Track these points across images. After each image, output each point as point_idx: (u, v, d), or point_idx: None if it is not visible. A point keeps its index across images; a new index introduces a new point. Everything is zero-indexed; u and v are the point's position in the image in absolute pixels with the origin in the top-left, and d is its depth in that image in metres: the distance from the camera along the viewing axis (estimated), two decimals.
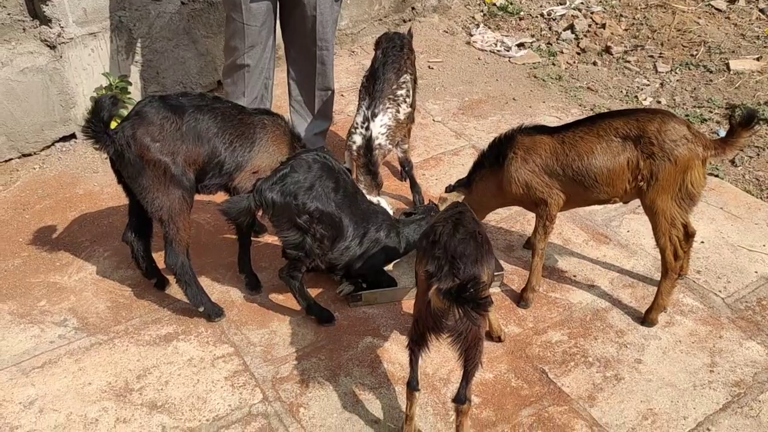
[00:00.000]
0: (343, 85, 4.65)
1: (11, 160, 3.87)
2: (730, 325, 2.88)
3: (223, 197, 2.91)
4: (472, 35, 5.42)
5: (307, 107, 3.69)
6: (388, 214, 3.04)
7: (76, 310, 2.96)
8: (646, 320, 2.87)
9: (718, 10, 5.46)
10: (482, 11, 5.73)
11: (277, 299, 3.03)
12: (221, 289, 3.08)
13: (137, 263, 2.98)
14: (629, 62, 5.00)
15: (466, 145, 4.13)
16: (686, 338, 2.82)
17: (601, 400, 2.56)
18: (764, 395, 2.57)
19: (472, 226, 2.21)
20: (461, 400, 2.18)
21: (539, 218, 2.84)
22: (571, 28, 5.40)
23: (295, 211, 2.61)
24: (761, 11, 5.46)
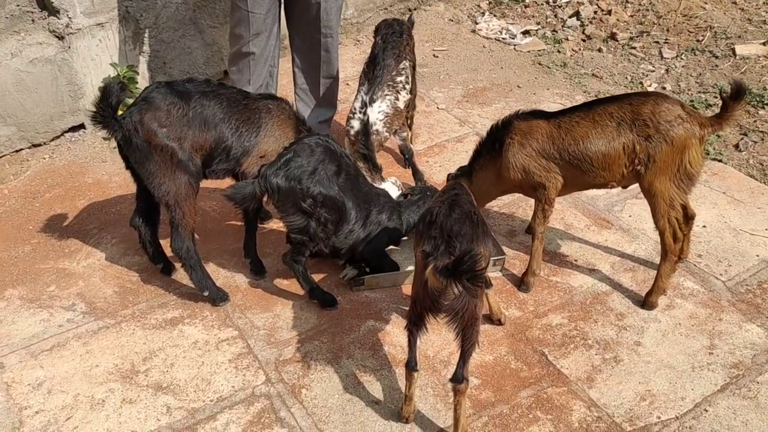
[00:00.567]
0: (348, 74, 4.67)
1: (22, 150, 3.94)
2: (730, 308, 2.89)
3: (229, 183, 2.96)
4: (477, 23, 5.43)
5: (312, 95, 3.73)
6: (389, 196, 3.07)
7: (84, 295, 3.03)
8: (646, 303, 2.89)
9: None
10: None
11: (281, 284, 3.08)
12: (226, 274, 3.13)
13: (144, 248, 3.03)
14: (635, 48, 4.99)
15: (470, 132, 4.15)
16: (686, 321, 2.84)
17: (599, 381, 2.59)
18: (762, 377, 2.59)
19: (467, 206, 2.24)
20: (458, 379, 2.21)
21: (538, 202, 2.86)
22: (576, 14, 5.39)
23: (299, 195, 2.66)
24: None
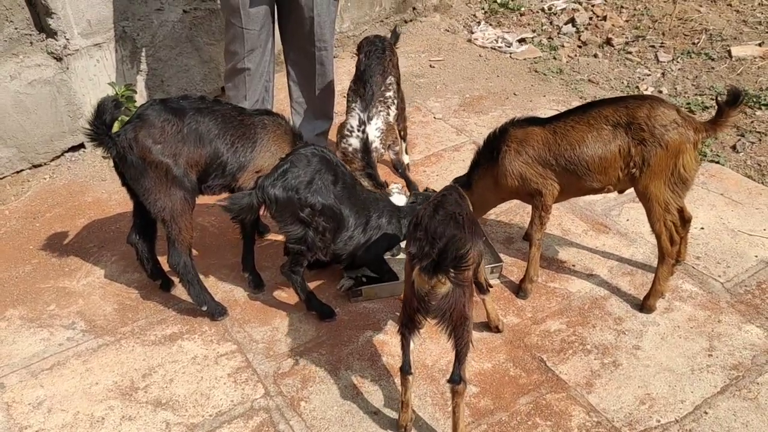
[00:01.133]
0: (345, 86, 4.65)
1: (22, 171, 3.98)
2: (729, 309, 2.88)
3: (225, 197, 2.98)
4: (473, 33, 5.46)
5: (308, 108, 3.75)
6: (388, 200, 3.09)
7: (84, 313, 3.04)
8: (644, 307, 2.88)
9: None
10: (483, 9, 5.76)
11: (279, 297, 3.09)
12: (225, 288, 3.14)
13: (142, 264, 3.05)
14: (630, 53, 5.00)
15: (466, 140, 4.17)
16: (685, 323, 2.83)
17: (598, 386, 2.58)
18: (762, 377, 2.57)
19: (452, 207, 2.25)
20: (455, 380, 2.22)
21: (535, 209, 2.86)
22: (572, 21, 5.41)
23: (297, 205, 2.68)
24: None
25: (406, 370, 2.31)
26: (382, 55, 3.49)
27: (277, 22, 3.56)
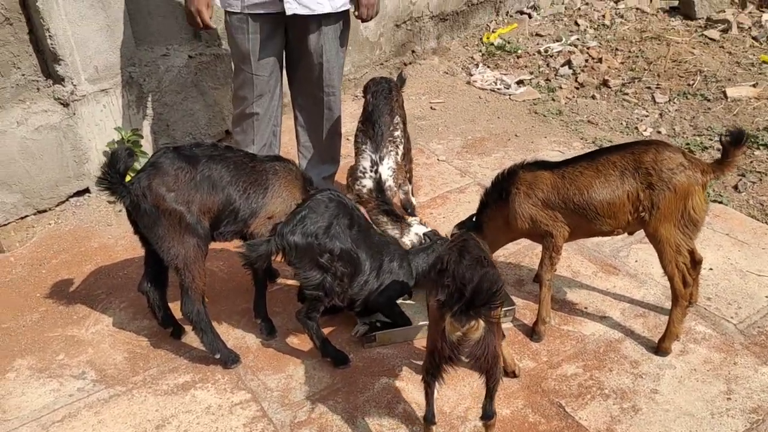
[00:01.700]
0: (347, 129, 4.72)
1: (27, 216, 3.95)
2: (744, 351, 2.88)
3: (233, 244, 2.97)
4: (471, 75, 5.54)
5: (315, 152, 3.78)
6: (398, 243, 3.10)
7: (94, 362, 3.00)
8: (659, 349, 2.88)
9: (712, 39, 5.58)
10: (480, 51, 5.86)
11: (292, 343, 3.06)
12: (236, 335, 3.11)
13: (153, 313, 3.02)
14: (627, 94, 5.09)
15: (471, 182, 4.20)
16: (701, 366, 2.83)
17: None
18: None
19: (476, 251, 2.27)
20: (489, 416, 2.26)
21: (545, 249, 2.88)
22: (568, 63, 5.52)
23: (317, 251, 2.67)
24: (754, 39, 5.57)
25: (429, 419, 2.30)
26: (389, 95, 3.53)
27: (285, 68, 3.60)
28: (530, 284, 3.33)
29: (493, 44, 5.88)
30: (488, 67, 5.65)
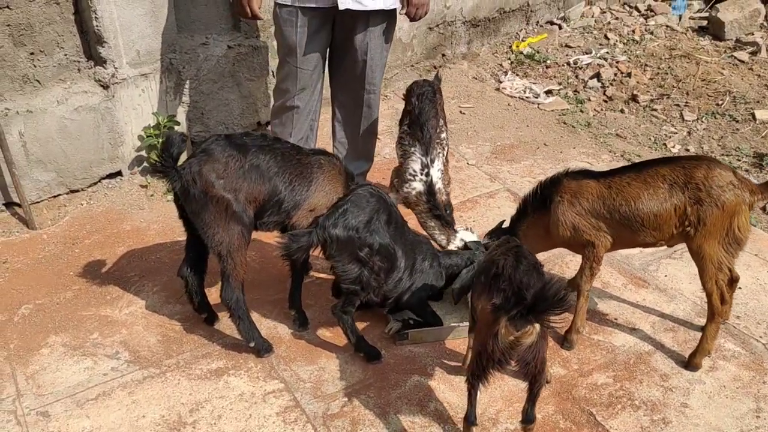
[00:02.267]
0: (378, 128, 4.75)
1: (59, 195, 3.98)
2: None
3: (266, 235, 2.99)
4: (501, 82, 5.56)
5: (350, 149, 3.80)
6: (430, 243, 3.13)
7: (127, 343, 3.02)
8: (690, 364, 2.90)
9: (741, 61, 5.61)
10: (510, 59, 5.89)
11: (324, 336, 3.09)
12: (269, 325, 3.14)
13: (190, 298, 3.04)
14: (656, 110, 5.12)
15: (500, 188, 4.22)
16: (730, 383, 2.85)
17: None
18: None
19: (532, 258, 2.30)
20: (530, 420, 2.29)
21: (586, 260, 2.90)
22: (597, 76, 5.54)
23: (357, 244, 2.70)
24: None
25: (471, 420, 2.33)
26: (433, 98, 3.55)
27: (328, 63, 3.63)
28: None
29: (522, 53, 5.91)
30: (517, 75, 5.68)
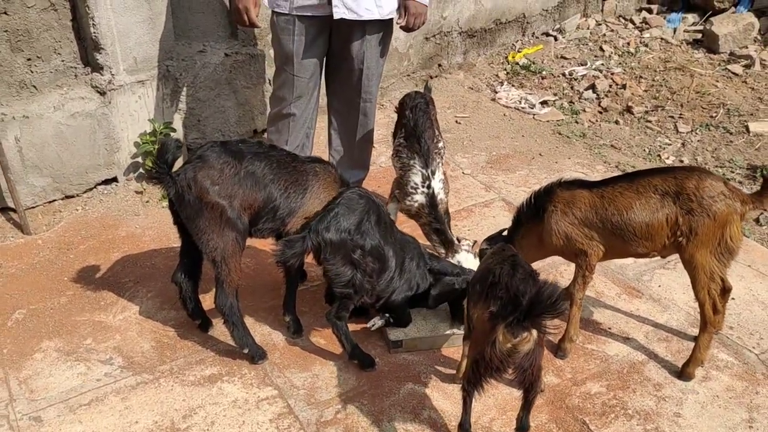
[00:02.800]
0: (374, 136, 4.77)
1: (54, 201, 3.98)
2: (765, 381, 2.91)
3: (260, 242, 2.99)
4: (496, 92, 5.60)
5: (346, 157, 3.82)
6: (417, 243, 3.13)
7: (121, 349, 3.02)
8: (683, 374, 2.91)
9: (735, 74, 5.65)
10: (505, 70, 5.93)
11: (318, 343, 3.08)
12: (263, 331, 3.13)
13: (184, 304, 3.04)
14: (650, 122, 5.15)
15: (495, 197, 4.24)
16: (723, 393, 2.86)
17: None
18: None
19: (528, 266, 2.30)
20: (525, 428, 2.31)
21: (579, 268, 2.91)
22: (592, 87, 5.58)
23: (350, 246, 2.71)
24: None
25: (466, 428, 2.33)
26: (426, 108, 3.57)
27: (324, 71, 3.65)
28: None
29: (518, 63, 5.95)
30: (513, 85, 5.71)
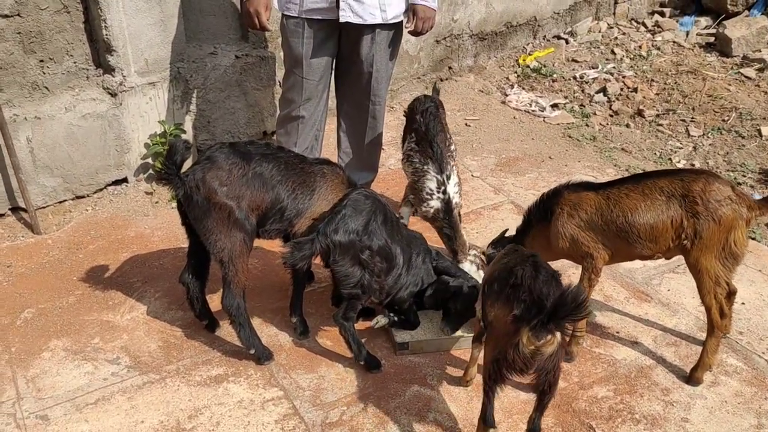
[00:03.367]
0: (383, 139, 4.77)
1: (65, 201, 4.01)
2: None
3: (268, 243, 3.00)
4: (507, 95, 5.58)
5: (354, 159, 3.82)
6: (424, 239, 3.14)
7: (128, 348, 3.03)
8: (691, 379, 2.89)
9: (747, 78, 5.60)
10: (516, 73, 5.91)
11: (324, 344, 3.09)
12: (269, 332, 3.14)
13: (191, 304, 3.05)
14: (662, 125, 5.12)
15: (504, 200, 4.23)
16: (732, 399, 2.83)
17: None
18: None
19: (549, 267, 2.30)
20: (536, 429, 2.30)
21: (585, 271, 2.89)
22: (603, 91, 5.55)
23: (359, 247, 2.72)
24: None
25: (490, 422, 2.34)
26: (436, 112, 3.56)
27: (334, 74, 3.65)
28: None
29: (529, 66, 5.93)
30: (523, 88, 5.70)
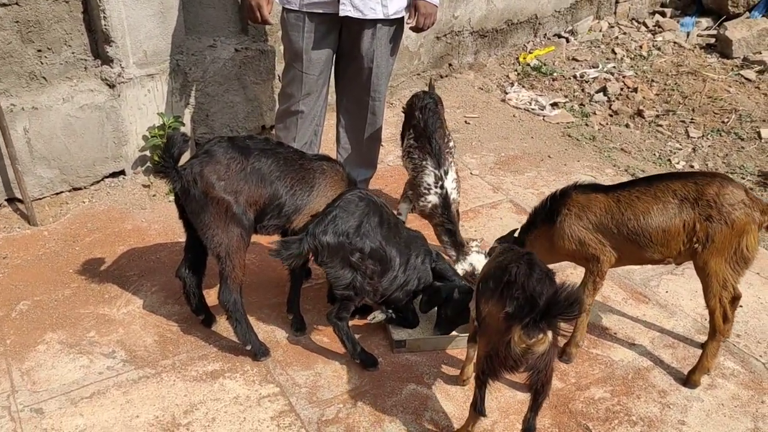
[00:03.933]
0: (382, 135, 4.75)
1: (62, 193, 3.98)
2: None
3: (265, 239, 2.99)
4: (506, 93, 5.57)
5: (354, 155, 3.80)
6: (425, 239, 3.12)
7: (124, 342, 3.01)
8: (689, 381, 2.88)
9: (748, 79, 5.60)
10: (516, 71, 5.90)
11: (321, 341, 3.07)
12: (266, 329, 3.13)
13: (188, 299, 3.04)
14: (661, 126, 5.11)
15: (503, 199, 4.21)
16: (729, 402, 2.83)
17: None
18: None
19: (544, 266, 2.29)
20: (531, 429, 2.29)
21: (589, 274, 2.87)
22: (603, 90, 5.54)
23: (348, 249, 2.70)
24: None
25: (480, 410, 2.35)
26: (435, 108, 3.55)
27: (334, 69, 3.63)
28: None
29: (529, 65, 5.92)
30: (523, 86, 5.68)
